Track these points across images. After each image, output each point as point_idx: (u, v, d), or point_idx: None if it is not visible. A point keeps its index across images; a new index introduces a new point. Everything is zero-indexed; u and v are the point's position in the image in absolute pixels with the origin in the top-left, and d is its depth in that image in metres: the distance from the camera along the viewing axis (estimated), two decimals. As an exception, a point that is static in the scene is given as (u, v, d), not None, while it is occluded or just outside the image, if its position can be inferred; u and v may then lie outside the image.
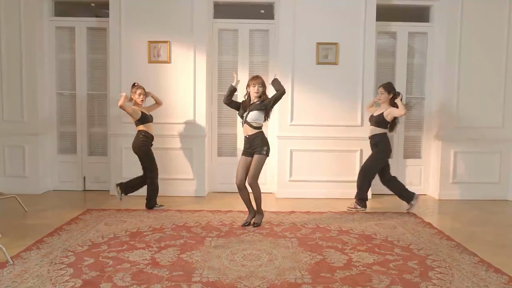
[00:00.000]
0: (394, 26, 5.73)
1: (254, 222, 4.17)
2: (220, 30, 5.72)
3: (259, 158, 4.10)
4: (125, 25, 5.39)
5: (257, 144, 4.09)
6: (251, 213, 4.22)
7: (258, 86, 4.05)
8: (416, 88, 5.87)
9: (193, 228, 4.07)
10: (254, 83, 4.07)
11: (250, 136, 4.09)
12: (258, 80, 4.08)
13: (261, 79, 4.10)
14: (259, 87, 4.05)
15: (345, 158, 5.51)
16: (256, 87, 4.05)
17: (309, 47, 5.44)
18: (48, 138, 5.70)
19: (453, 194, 5.56)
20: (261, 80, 4.10)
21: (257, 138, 4.10)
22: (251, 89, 4.08)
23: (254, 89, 4.06)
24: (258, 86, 4.05)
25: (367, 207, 4.89)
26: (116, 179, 5.44)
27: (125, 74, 5.42)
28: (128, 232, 3.93)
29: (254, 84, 4.06)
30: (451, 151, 5.56)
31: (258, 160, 4.10)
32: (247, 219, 4.21)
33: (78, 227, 4.04)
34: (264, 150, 4.10)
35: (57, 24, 5.67)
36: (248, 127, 4.09)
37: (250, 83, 4.10)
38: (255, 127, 4.09)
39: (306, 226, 4.21)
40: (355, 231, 4.07)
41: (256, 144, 4.09)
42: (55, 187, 5.75)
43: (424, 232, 4.08)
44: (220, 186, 5.79)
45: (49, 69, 5.67)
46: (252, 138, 4.09)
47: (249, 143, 4.10)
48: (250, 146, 4.11)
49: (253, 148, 4.09)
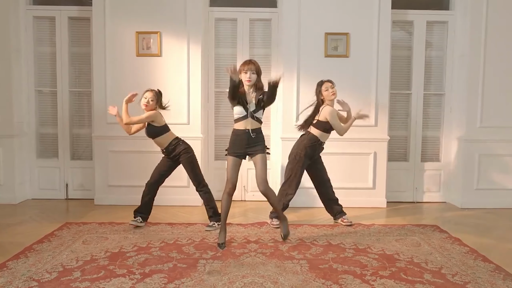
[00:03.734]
0: (411, 15, 5.15)
1: (284, 234, 3.64)
2: (217, 20, 5.13)
3: (265, 158, 3.52)
4: (110, 13, 4.82)
5: (260, 142, 3.51)
6: (225, 231, 3.60)
7: (251, 73, 3.42)
8: (435, 84, 5.28)
9: (185, 247, 3.49)
10: (245, 69, 3.43)
11: (253, 131, 3.48)
12: (250, 65, 3.44)
13: (254, 65, 3.45)
14: (252, 73, 3.42)
15: (357, 161, 4.93)
16: (248, 73, 3.41)
17: (316, 38, 4.85)
18: (25, 141, 5.12)
19: (478, 202, 4.98)
20: (254, 65, 3.44)
21: (260, 134, 3.53)
22: (243, 76, 3.44)
23: (246, 76, 3.41)
24: (250, 73, 3.42)
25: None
26: (101, 187, 4.89)
27: (111, 69, 4.86)
28: (108, 252, 3.35)
29: (245, 70, 3.42)
30: (475, 154, 4.98)
31: (265, 160, 3.52)
32: (223, 240, 3.53)
33: (51, 247, 3.46)
34: (267, 148, 3.56)
35: (35, 14, 5.09)
36: (253, 121, 3.48)
37: (241, 69, 3.47)
38: (259, 122, 3.52)
39: (316, 243, 3.64)
40: (373, 249, 3.50)
41: (259, 141, 3.51)
42: (34, 196, 5.18)
43: (454, 250, 3.50)
44: (217, 193, 5.19)
45: (26, 64, 5.10)
46: (256, 134, 3.50)
47: (250, 140, 3.48)
48: (250, 144, 3.48)
49: (255, 145, 3.49)
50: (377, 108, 4.91)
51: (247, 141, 3.49)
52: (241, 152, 3.53)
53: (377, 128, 4.93)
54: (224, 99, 5.21)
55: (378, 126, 4.93)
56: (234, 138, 3.53)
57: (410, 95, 5.23)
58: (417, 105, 5.23)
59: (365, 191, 4.95)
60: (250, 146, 3.50)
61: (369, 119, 4.85)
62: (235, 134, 3.53)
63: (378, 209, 4.86)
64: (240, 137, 3.49)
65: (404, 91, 5.25)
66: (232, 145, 3.53)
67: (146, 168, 4.37)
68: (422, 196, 5.27)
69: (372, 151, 4.93)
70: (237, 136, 3.52)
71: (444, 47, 5.22)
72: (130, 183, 4.84)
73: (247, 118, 3.46)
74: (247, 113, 3.45)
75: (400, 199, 5.22)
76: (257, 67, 3.47)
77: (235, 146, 3.52)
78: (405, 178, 5.26)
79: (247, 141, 3.49)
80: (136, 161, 4.86)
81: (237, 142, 3.51)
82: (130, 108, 3.92)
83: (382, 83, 4.90)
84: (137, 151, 4.84)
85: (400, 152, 5.32)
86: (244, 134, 3.48)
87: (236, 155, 3.52)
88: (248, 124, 3.48)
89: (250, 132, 3.47)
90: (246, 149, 3.51)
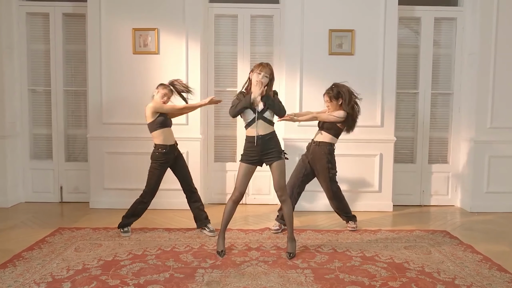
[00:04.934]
0: (418, 11, 4.95)
1: (290, 253, 3.32)
2: (217, 16, 4.94)
3: (283, 165, 3.28)
4: (106, 10, 4.63)
5: (274, 147, 3.25)
6: (223, 238, 3.41)
7: (264, 74, 3.19)
8: (443, 82, 5.09)
9: (182, 255, 3.30)
10: (259, 71, 3.19)
11: (264, 136, 3.22)
12: (266, 68, 3.21)
13: (269, 69, 3.23)
14: (265, 75, 3.19)
15: (363, 163, 4.74)
16: (261, 74, 3.17)
17: (320, 35, 4.67)
18: (18, 142, 4.94)
19: (488, 206, 4.79)
20: (269, 69, 3.23)
21: (272, 139, 3.26)
22: (254, 75, 3.20)
23: (258, 77, 3.17)
24: (263, 74, 3.18)
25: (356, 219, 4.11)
26: (96, 189, 4.72)
27: (106, 67, 4.68)
28: (101, 261, 3.16)
29: (259, 71, 3.19)
30: (485, 156, 4.79)
31: (283, 167, 3.28)
32: (222, 247, 3.35)
33: (41, 254, 3.28)
34: (283, 153, 3.31)
35: (28, 10, 4.90)
36: (264, 124, 3.23)
37: (254, 69, 3.24)
38: (271, 124, 3.28)
39: (321, 251, 3.45)
40: (381, 257, 3.31)
41: (272, 147, 3.25)
42: (28, 199, 4.99)
43: (467, 258, 3.32)
44: (217, 197, 5.03)
45: (19, 62, 4.92)
46: (267, 138, 3.24)
47: (262, 146, 3.23)
48: (264, 151, 3.24)
49: (268, 152, 3.24)
50: (383, 108, 4.72)
51: (261, 148, 3.23)
52: (256, 159, 3.28)
53: (383, 128, 4.74)
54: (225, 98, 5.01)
55: (384, 127, 4.74)
56: (247, 146, 3.28)
57: (417, 95, 5.04)
58: (425, 105, 5.04)
59: (370, 195, 4.76)
60: (264, 153, 3.25)
61: (375, 119, 4.70)
62: (248, 141, 3.28)
63: (384, 213, 4.68)
64: (252, 144, 3.23)
65: (411, 90, 5.06)
66: (246, 152, 3.29)
67: (143, 170, 4.16)
68: (429, 199, 5.08)
69: (378, 153, 4.74)
70: (249, 144, 3.26)
71: (452, 44, 5.03)
72: (127, 186, 4.65)
73: (256, 121, 3.21)
74: (255, 114, 3.21)
75: (406, 202, 5.03)
76: (271, 72, 3.23)
77: (248, 153, 3.27)
78: (411, 180, 5.06)
79: (261, 148, 3.23)
80: (133, 163, 4.67)
81: (250, 149, 3.26)
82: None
83: (389, 81, 4.72)
84: (134, 152, 4.66)
85: (407, 153, 5.13)
86: (255, 140, 3.21)
87: (249, 162, 3.28)
88: (260, 128, 3.21)
89: (260, 137, 3.21)
90: (261, 156, 3.26)
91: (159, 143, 3.68)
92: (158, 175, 3.72)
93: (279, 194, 3.30)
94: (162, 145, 3.68)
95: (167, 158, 3.72)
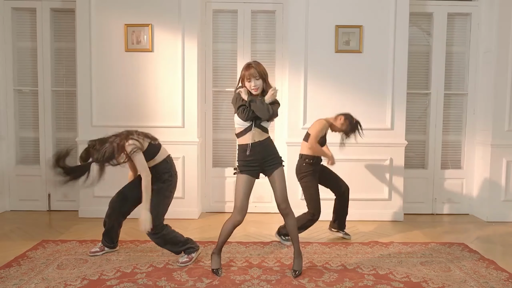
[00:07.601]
0: (430, 6, 4.64)
1: (295, 270, 3.00)
2: (215, 11, 4.63)
3: (283, 173, 3.00)
4: (96, 4, 4.33)
5: (273, 154, 2.97)
6: (219, 256, 3.09)
7: (255, 80, 2.86)
8: (456, 82, 4.78)
9: (176, 273, 2.99)
10: (248, 77, 2.86)
11: (262, 142, 2.92)
12: (251, 70, 2.86)
13: (256, 69, 2.87)
14: (256, 80, 2.87)
15: (371, 169, 4.43)
16: (252, 81, 2.86)
17: (326, 32, 4.36)
18: (3, 146, 4.63)
19: (506, 215, 4.47)
20: (255, 69, 2.87)
21: (270, 145, 2.97)
22: (247, 84, 2.88)
23: (250, 85, 2.86)
24: (254, 80, 2.86)
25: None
26: (86, 197, 4.41)
27: (97, 66, 4.38)
28: (85, 280, 2.84)
29: (248, 78, 2.86)
30: (502, 161, 4.47)
31: (283, 175, 2.99)
32: (217, 265, 3.03)
33: (19, 273, 2.96)
34: (282, 160, 3.03)
35: (13, 5, 4.60)
36: (259, 131, 2.92)
37: (243, 76, 2.92)
38: (266, 132, 2.98)
39: (329, 267, 3.13)
40: (397, 276, 2.99)
41: (272, 154, 2.96)
42: (13, 207, 4.68)
43: (491, 277, 2.99)
44: (216, 205, 4.72)
45: (4, 61, 4.61)
46: (265, 145, 2.94)
47: (263, 153, 2.92)
48: (265, 157, 2.93)
49: (268, 159, 2.94)
50: (394, 110, 4.41)
51: (262, 154, 2.92)
52: (257, 168, 2.96)
53: (393, 131, 4.43)
54: (224, 99, 4.72)
55: (394, 130, 4.43)
56: (244, 155, 2.93)
57: (429, 95, 4.73)
58: (437, 106, 4.72)
59: (380, 203, 4.45)
60: (266, 160, 2.94)
61: (384, 122, 4.40)
62: (242, 150, 2.95)
63: (395, 223, 4.36)
64: (245, 152, 2.92)
65: (423, 90, 4.75)
66: (244, 161, 2.95)
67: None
68: (442, 208, 4.76)
69: (388, 157, 4.42)
70: (243, 152, 2.93)
71: (466, 42, 4.72)
72: (118, 193, 4.33)
73: (252, 129, 2.89)
74: (253, 122, 2.89)
75: (417, 211, 4.71)
76: (260, 70, 2.88)
77: (248, 162, 2.94)
78: (423, 187, 4.74)
79: (262, 154, 2.92)
80: (124, 169, 4.33)
81: (250, 157, 2.91)
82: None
83: (399, 81, 4.40)
84: (126, 157, 4.34)
85: (418, 158, 4.81)
86: (252, 148, 2.90)
87: (251, 173, 2.94)
88: (256, 135, 2.91)
89: (257, 144, 2.90)
90: (262, 163, 2.95)
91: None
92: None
93: (282, 206, 2.98)
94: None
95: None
